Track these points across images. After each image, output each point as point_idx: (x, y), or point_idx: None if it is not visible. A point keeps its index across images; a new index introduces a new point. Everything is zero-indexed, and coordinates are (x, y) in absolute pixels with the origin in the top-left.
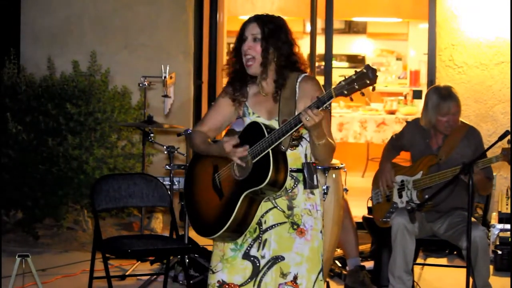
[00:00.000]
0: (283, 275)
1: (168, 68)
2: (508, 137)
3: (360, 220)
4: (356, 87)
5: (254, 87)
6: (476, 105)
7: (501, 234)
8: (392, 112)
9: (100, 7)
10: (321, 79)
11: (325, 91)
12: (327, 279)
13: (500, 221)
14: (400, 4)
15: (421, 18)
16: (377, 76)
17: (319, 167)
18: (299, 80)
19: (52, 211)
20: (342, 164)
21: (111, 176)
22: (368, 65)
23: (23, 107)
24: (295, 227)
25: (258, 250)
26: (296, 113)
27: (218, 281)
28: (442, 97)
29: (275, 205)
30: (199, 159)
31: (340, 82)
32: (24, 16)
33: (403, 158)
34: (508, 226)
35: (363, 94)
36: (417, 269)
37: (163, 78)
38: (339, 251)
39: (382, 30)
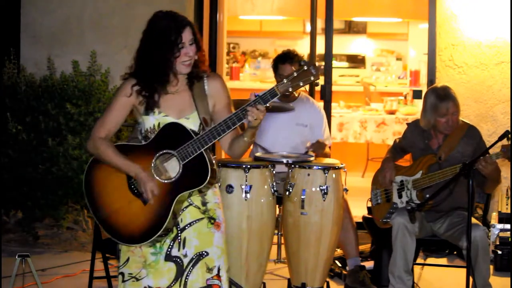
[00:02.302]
0: (209, 270)
1: None
2: (508, 136)
3: (360, 220)
4: (301, 83)
5: (159, 86)
6: (476, 105)
7: (501, 234)
8: (392, 112)
9: (100, 7)
10: (321, 79)
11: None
12: (327, 279)
13: (500, 221)
14: (400, 4)
15: (421, 18)
16: (320, 70)
17: (319, 167)
18: (205, 78)
19: (52, 211)
20: (342, 164)
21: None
22: (307, 61)
23: (23, 107)
24: (212, 221)
25: (179, 250)
26: (204, 110)
27: (145, 287)
28: (440, 98)
29: (190, 202)
30: (98, 165)
31: (282, 81)
32: (24, 16)
33: (403, 159)
34: (508, 226)
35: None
36: (417, 269)
37: None
38: (339, 251)
39: (382, 30)
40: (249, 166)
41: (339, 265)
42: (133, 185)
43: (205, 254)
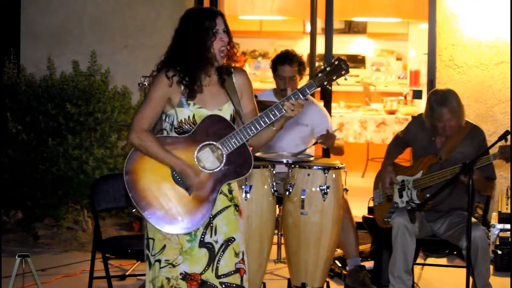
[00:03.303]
0: (236, 254)
1: None
2: (506, 137)
3: (360, 220)
4: (334, 77)
5: (198, 74)
6: (476, 105)
7: (501, 234)
8: (392, 112)
9: (100, 7)
10: None
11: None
12: (327, 279)
13: (500, 221)
14: (400, 4)
15: (421, 18)
16: (348, 65)
17: (319, 167)
18: (232, 72)
19: (52, 211)
20: (342, 164)
21: (111, 176)
22: (338, 57)
23: (23, 107)
24: (237, 208)
25: (211, 236)
26: (235, 103)
27: (181, 273)
28: (436, 103)
29: (221, 191)
30: (139, 156)
31: (317, 74)
32: (24, 16)
33: (403, 158)
34: (508, 226)
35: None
36: (417, 269)
37: None
38: (339, 251)
39: (382, 30)
40: None
41: (339, 265)
42: (177, 175)
43: (233, 239)
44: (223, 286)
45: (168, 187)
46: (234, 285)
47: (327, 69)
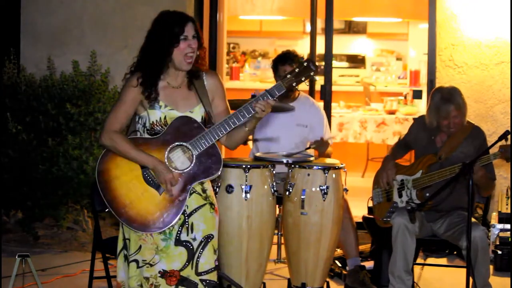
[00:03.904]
0: (215, 251)
1: None
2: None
3: (360, 220)
4: (303, 79)
5: (161, 81)
6: (476, 105)
7: (501, 234)
8: (392, 112)
9: (100, 7)
10: (321, 79)
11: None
12: (327, 279)
13: (500, 221)
14: (400, 4)
15: (421, 18)
16: (317, 66)
17: (319, 167)
18: (204, 75)
19: (52, 211)
20: (342, 164)
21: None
22: (308, 58)
23: (23, 107)
24: (212, 206)
25: (187, 235)
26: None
27: (159, 271)
28: (443, 100)
29: (193, 190)
30: (110, 157)
31: (285, 76)
32: (24, 16)
33: (404, 159)
34: (508, 226)
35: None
36: (417, 269)
37: None
38: (339, 251)
39: (382, 30)
40: (249, 166)
41: (339, 265)
42: (148, 175)
43: (212, 237)
44: (204, 283)
45: (139, 187)
46: (213, 282)
47: (296, 70)
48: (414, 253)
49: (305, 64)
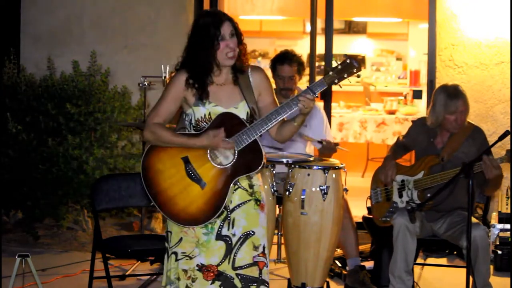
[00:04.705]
0: (255, 248)
1: (168, 68)
2: (509, 137)
3: (360, 220)
4: (345, 76)
5: (207, 79)
6: (476, 105)
7: (501, 234)
8: (392, 112)
9: (100, 7)
10: None
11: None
12: (327, 279)
13: (500, 221)
14: (400, 4)
15: (421, 18)
16: (361, 63)
17: (319, 167)
18: (249, 71)
19: (52, 211)
20: (342, 164)
21: (111, 176)
22: (349, 55)
23: (23, 107)
24: (258, 203)
25: (228, 230)
26: (251, 101)
27: (197, 265)
28: (450, 96)
29: (239, 185)
30: (154, 152)
31: (328, 72)
32: (24, 16)
33: (404, 158)
34: (508, 226)
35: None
36: (417, 269)
37: (163, 78)
38: (339, 251)
39: (382, 30)
40: None
41: (339, 265)
42: (190, 170)
43: (252, 233)
44: (239, 277)
45: (182, 182)
46: (250, 277)
47: (338, 67)
48: (414, 253)
49: (348, 61)
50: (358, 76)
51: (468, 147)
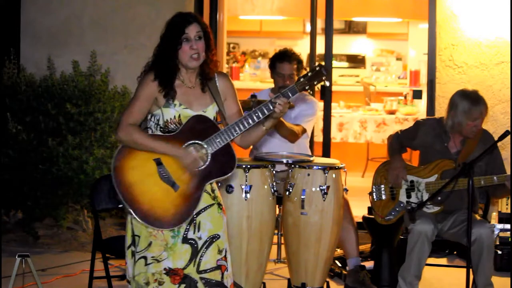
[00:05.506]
0: (219, 251)
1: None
2: (509, 137)
3: (360, 220)
4: (315, 83)
5: (176, 80)
6: None
7: (501, 234)
8: (392, 112)
9: (99, 7)
10: None
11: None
12: (327, 279)
13: (500, 221)
14: (400, 4)
15: (421, 18)
16: (327, 71)
17: (319, 167)
18: (216, 76)
19: (52, 211)
20: (342, 164)
21: (111, 176)
22: (320, 63)
23: (23, 107)
24: (220, 207)
25: (194, 233)
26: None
27: (165, 269)
28: (473, 102)
29: (204, 189)
30: (126, 154)
31: (299, 79)
32: (24, 16)
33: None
34: (508, 226)
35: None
36: None
37: None
38: (339, 251)
39: (382, 30)
40: (249, 166)
41: (339, 265)
42: (163, 172)
43: (218, 236)
44: (203, 281)
45: (154, 183)
46: (213, 281)
47: (309, 74)
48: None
49: (317, 68)
50: (325, 84)
51: (479, 151)
